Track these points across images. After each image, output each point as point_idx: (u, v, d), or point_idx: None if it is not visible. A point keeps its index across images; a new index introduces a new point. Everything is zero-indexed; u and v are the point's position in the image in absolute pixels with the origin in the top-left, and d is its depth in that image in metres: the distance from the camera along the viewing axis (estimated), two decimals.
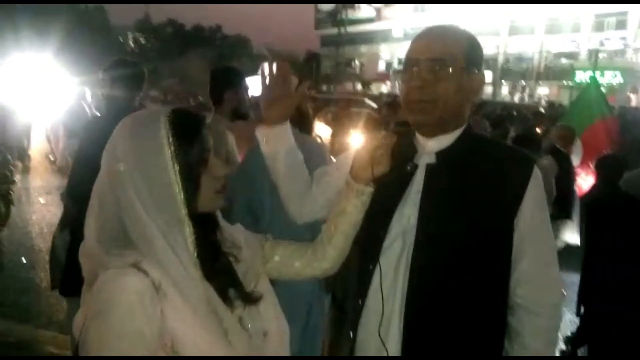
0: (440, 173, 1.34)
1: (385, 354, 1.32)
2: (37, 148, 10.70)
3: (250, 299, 1.14)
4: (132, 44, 69.53)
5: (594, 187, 4.21)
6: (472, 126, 1.41)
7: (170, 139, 1.02)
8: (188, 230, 1.03)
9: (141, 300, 0.95)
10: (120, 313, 0.94)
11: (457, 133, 1.36)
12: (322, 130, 4.24)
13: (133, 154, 1.01)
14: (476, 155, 1.35)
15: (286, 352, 1.19)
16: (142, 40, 69.15)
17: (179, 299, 0.99)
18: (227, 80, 2.85)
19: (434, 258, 1.30)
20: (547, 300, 1.34)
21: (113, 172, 1.02)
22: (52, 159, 9.74)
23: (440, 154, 1.35)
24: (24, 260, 5.19)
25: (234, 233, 1.22)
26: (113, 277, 0.97)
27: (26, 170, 9.57)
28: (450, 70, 1.28)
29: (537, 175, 1.33)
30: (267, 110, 1.39)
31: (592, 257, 3.65)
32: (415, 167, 1.36)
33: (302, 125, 2.47)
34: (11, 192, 6.42)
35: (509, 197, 1.30)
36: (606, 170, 3.91)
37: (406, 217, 1.34)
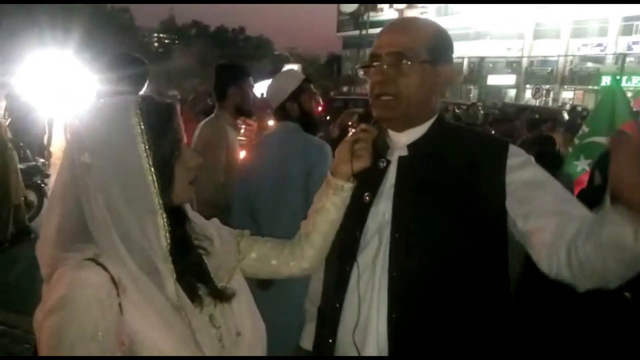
0: (412, 166, 1.29)
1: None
2: (58, 144, 10.83)
3: (222, 296, 1.08)
4: (156, 45, 70.62)
5: (590, 179, 4.19)
6: (442, 116, 1.36)
7: (142, 128, 0.97)
8: (161, 222, 0.98)
9: (97, 295, 0.90)
10: (75, 309, 0.89)
11: (427, 125, 1.33)
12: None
13: (102, 144, 0.97)
14: (449, 145, 1.30)
15: (261, 351, 1.13)
16: (167, 41, 70.18)
17: (140, 296, 0.93)
18: (231, 77, 2.84)
19: (411, 253, 1.22)
20: (578, 213, 1.15)
21: (77, 165, 0.97)
22: None
23: (412, 147, 1.31)
24: None
25: (204, 225, 1.17)
26: (69, 271, 0.92)
27: (46, 166, 9.69)
28: (411, 64, 1.24)
29: (516, 152, 1.26)
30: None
31: None
32: (388, 162, 1.31)
33: (307, 124, 2.44)
34: (44, 184, 6.52)
35: (489, 181, 1.22)
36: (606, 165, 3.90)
37: (381, 213, 1.28)
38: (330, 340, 1.32)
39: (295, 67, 27.24)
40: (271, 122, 3.79)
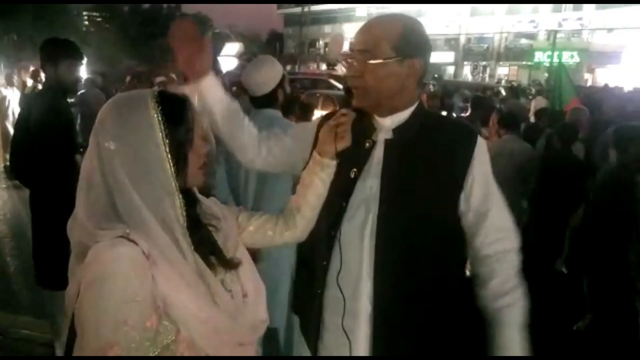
0: (397, 146, 1.48)
1: (342, 305, 1.48)
2: None
3: (231, 265, 1.24)
4: (87, 24, 67.30)
5: (548, 148, 4.69)
6: (422, 104, 1.55)
7: (160, 119, 1.09)
8: (178, 202, 1.12)
9: (133, 267, 1.03)
10: (115, 281, 1.01)
11: (409, 111, 1.51)
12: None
13: (125, 133, 1.08)
14: (428, 130, 1.50)
15: (264, 310, 1.30)
16: (98, 20, 66.97)
17: (167, 265, 1.07)
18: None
19: (398, 222, 1.44)
20: (511, 247, 1.51)
21: (103, 151, 1.08)
22: None
23: (397, 130, 1.50)
24: None
25: (211, 206, 1.32)
26: (105, 248, 1.04)
27: None
28: (375, 60, 1.40)
29: (481, 144, 1.49)
30: (189, 67, 1.49)
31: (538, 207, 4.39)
32: (374, 143, 1.50)
33: (286, 110, 2.58)
34: None
35: (458, 164, 1.46)
36: (565, 135, 4.52)
37: (368, 187, 1.48)
38: (319, 291, 1.54)
39: (236, 45, 26.77)
40: None
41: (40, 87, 6.63)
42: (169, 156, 1.10)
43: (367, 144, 1.51)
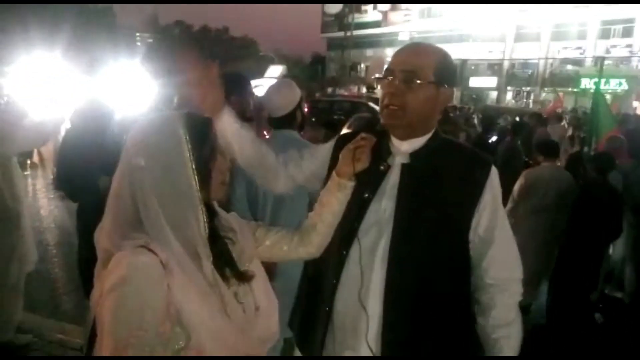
0: (413, 171, 1.53)
1: (365, 321, 1.50)
2: (47, 146, 10.88)
3: (245, 277, 1.30)
4: (139, 44, 69.96)
5: (584, 177, 4.69)
6: (439, 131, 1.60)
7: (187, 139, 1.18)
8: (201, 215, 1.20)
9: (150, 275, 1.10)
10: (133, 287, 1.09)
11: (427, 137, 1.56)
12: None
13: (154, 150, 1.17)
14: (444, 156, 1.54)
15: (276, 324, 1.36)
16: (150, 40, 69.59)
17: (183, 275, 1.14)
18: (232, 85, 3.03)
19: (410, 246, 1.48)
20: (513, 277, 1.56)
21: (132, 167, 1.17)
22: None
23: (414, 155, 1.54)
24: None
25: (229, 219, 1.39)
26: (126, 256, 1.12)
27: (34, 166, 9.76)
28: (419, 82, 1.46)
29: (494, 174, 1.52)
30: (207, 106, 1.58)
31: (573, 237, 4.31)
32: (389, 166, 1.54)
33: (301, 129, 2.67)
34: None
35: (471, 193, 1.50)
36: (600, 164, 4.43)
37: (382, 209, 1.53)
38: (327, 309, 1.58)
39: (280, 68, 27.29)
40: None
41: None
42: (195, 172, 1.19)
43: (383, 167, 1.55)
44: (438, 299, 1.50)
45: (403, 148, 1.56)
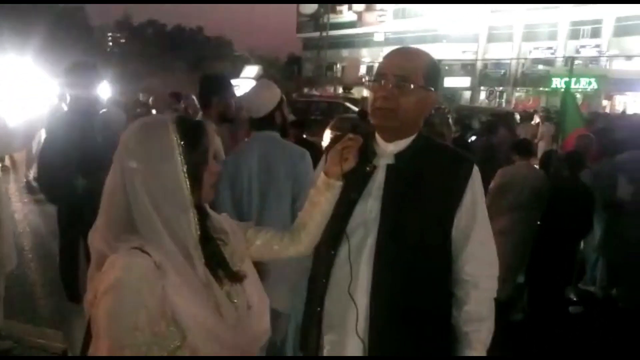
0: (398, 172, 1.58)
1: (354, 315, 1.55)
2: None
3: (237, 277, 1.33)
4: (111, 44, 68.86)
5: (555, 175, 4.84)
6: (422, 132, 1.65)
7: (179, 142, 1.20)
8: (193, 216, 1.22)
9: (145, 277, 1.12)
10: (128, 288, 1.11)
11: (411, 139, 1.61)
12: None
13: (146, 154, 1.19)
14: (427, 156, 1.60)
15: (267, 322, 1.38)
16: (122, 41, 68.62)
17: (176, 276, 1.16)
18: (215, 86, 3.05)
19: (396, 243, 1.53)
20: (488, 274, 1.60)
21: (125, 170, 1.19)
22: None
23: (398, 156, 1.59)
24: None
25: (221, 221, 1.41)
26: (120, 258, 1.14)
27: (6, 170, 9.56)
28: (412, 86, 1.52)
29: (475, 173, 1.58)
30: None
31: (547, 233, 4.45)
32: (374, 167, 1.59)
33: (284, 132, 2.69)
34: None
35: (453, 191, 1.56)
36: (571, 162, 4.58)
37: (368, 210, 1.57)
38: (319, 309, 1.63)
39: (255, 68, 27.21)
40: None
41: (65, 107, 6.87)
42: (186, 175, 1.21)
43: (368, 168, 1.60)
44: (422, 293, 1.56)
45: (389, 149, 1.61)
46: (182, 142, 1.21)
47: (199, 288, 1.20)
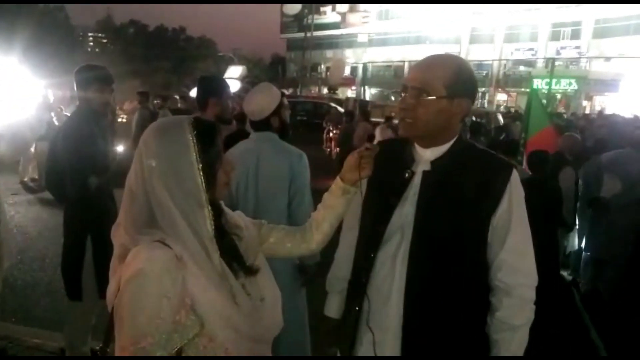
0: (434, 178, 1.59)
1: (389, 310, 1.58)
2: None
3: (251, 271, 1.38)
4: (92, 44, 68.06)
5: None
6: (462, 138, 1.66)
7: (195, 142, 1.26)
8: (207, 212, 1.27)
9: (167, 268, 1.17)
10: (151, 278, 1.15)
11: (448, 145, 1.62)
12: None
13: (165, 153, 1.24)
14: (465, 163, 1.59)
15: (279, 315, 1.44)
16: (104, 41, 67.89)
17: (196, 268, 1.21)
18: (211, 88, 3.09)
19: (429, 248, 1.56)
20: (522, 282, 1.56)
21: (145, 167, 1.24)
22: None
23: (435, 162, 1.61)
24: None
25: (236, 217, 1.47)
26: (143, 250, 1.19)
27: None
28: (429, 98, 1.53)
29: (514, 178, 1.58)
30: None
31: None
32: (413, 173, 1.62)
33: (283, 134, 2.74)
34: None
35: (490, 197, 1.55)
36: (539, 163, 4.57)
37: (405, 214, 1.60)
38: (357, 308, 1.66)
39: (239, 68, 27.14)
40: None
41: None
42: (201, 173, 1.26)
43: (407, 174, 1.63)
44: (456, 300, 1.56)
45: (426, 156, 1.63)
46: (197, 142, 1.26)
47: (217, 279, 1.25)
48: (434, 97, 1.52)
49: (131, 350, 1.15)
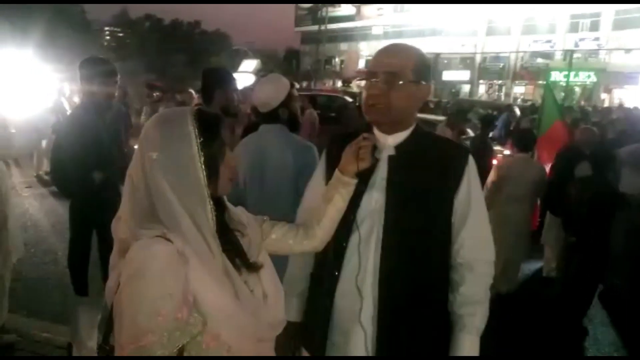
0: (399, 163, 1.62)
1: (359, 305, 1.59)
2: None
3: (254, 267, 1.34)
4: (108, 38, 68.60)
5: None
6: (419, 125, 1.71)
7: (197, 134, 1.21)
8: (209, 208, 1.23)
9: (168, 264, 1.13)
10: (152, 276, 1.12)
11: (409, 131, 1.67)
12: None
13: (165, 145, 1.20)
14: (426, 147, 1.66)
15: (282, 311, 1.40)
16: (120, 35, 68.37)
17: (198, 264, 1.17)
18: (217, 80, 3.04)
19: (400, 232, 1.58)
20: (483, 258, 1.64)
21: (146, 160, 1.20)
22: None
23: (399, 147, 1.64)
24: None
25: (239, 213, 1.43)
26: (144, 245, 1.15)
27: (7, 165, 9.54)
28: (401, 82, 1.56)
29: (471, 161, 1.64)
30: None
31: None
32: (377, 160, 1.63)
33: (293, 126, 2.68)
34: None
35: (451, 178, 1.62)
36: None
37: (374, 200, 1.62)
38: (329, 301, 1.65)
39: (254, 62, 27.10)
40: None
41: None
42: (203, 167, 1.22)
43: (372, 161, 1.62)
44: (426, 280, 1.61)
45: (388, 142, 1.66)
46: (199, 134, 1.22)
47: (219, 275, 1.21)
48: (406, 81, 1.57)
49: (131, 349, 1.11)
